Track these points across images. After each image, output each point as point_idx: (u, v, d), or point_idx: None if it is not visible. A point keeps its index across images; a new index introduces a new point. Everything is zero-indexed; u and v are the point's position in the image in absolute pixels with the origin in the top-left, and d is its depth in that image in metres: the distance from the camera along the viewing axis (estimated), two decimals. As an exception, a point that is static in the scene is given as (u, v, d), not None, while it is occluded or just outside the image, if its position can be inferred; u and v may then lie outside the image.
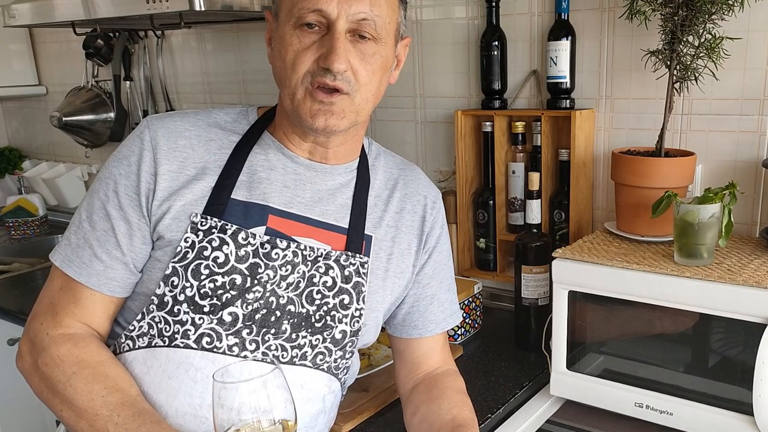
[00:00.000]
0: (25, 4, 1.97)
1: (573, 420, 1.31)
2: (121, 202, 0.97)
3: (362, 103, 0.97)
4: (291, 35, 0.93)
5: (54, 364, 0.95)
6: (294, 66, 0.93)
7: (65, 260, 0.99)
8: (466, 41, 1.71)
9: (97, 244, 0.98)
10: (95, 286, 0.98)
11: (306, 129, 0.98)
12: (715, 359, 1.19)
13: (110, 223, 0.97)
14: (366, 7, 0.92)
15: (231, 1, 1.74)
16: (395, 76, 1.05)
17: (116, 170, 0.99)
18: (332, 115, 0.94)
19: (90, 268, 0.97)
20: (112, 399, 0.92)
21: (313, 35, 0.93)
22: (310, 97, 0.94)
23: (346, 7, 0.91)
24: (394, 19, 0.98)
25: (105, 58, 2.45)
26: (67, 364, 0.94)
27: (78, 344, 0.97)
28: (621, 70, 1.50)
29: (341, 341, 1.04)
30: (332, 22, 0.91)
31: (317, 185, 1.04)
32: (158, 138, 0.99)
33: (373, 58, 0.95)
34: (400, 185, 1.12)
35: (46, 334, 0.97)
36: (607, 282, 1.22)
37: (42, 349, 0.96)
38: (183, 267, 0.96)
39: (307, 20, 0.92)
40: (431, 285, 1.14)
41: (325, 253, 1.02)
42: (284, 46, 0.94)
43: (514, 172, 1.64)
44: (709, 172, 1.43)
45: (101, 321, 1.00)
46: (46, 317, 0.99)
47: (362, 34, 0.93)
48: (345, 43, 0.92)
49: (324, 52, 0.92)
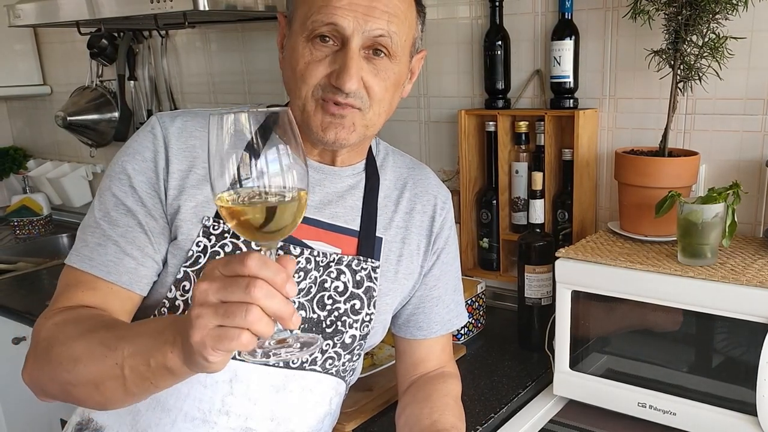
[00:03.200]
0: (30, 4, 1.97)
1: (576, 420, 1.31)
2: (141, 197, 0.93)
3: (374, 118, 0.95)
4: (303, 47, 0.91)
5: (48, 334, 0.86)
6: (304, 78, 0.91)
7: (86, 260, 0.92)
8: (469, 41, 1.71)
9: (124, 241, 0.92)
10: (127, 284, 0.92)
11: (315, 141, 0.96)
12: (719, 359, 1.19)
13: (135, 219, 0.93)
14: (383, 24, 0.90)
15: (235, 1, 1.74)
16: (408, 89, 1.03)
17: (129, 165, 0.94)
18: (343, 128, 0.93)
19: (119, 266, 0.91)
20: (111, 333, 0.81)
21: (326, 49, 0.90)
22: (321, 109, 0.92)
23: (362, 23, 0.88)
24: (410, 35, 0.96)
25: (109, 58, 2.46)
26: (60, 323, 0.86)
27: (74, 308, 0.90)
28: (624, 69, 1.50)
29: (350, 345, 1.03)
30: (347, 38, 0.89)
31: (326, 188, 1.02)
32: (170, 135, 0.95)
33: (387, 74, 0.93)
34: (410, 185, 1.11)
35: (44, 318, 0.89)
36: (610, 282, 1.22)
37: (38, 333, 0.88)
38: (195, 272, 0.94)
39: (320, 33, 0.89)
40: (438, 287, 1.13)
41: (337, 258, 1.00)
42: (295, 57, 0.92)
43: (517, 172, 1.64)
44: (713, 172, 1.43)
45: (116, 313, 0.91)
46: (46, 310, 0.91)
47: (377, 50, 0.91)
48: (358, 61, 0.90)
49: (336, 70, 0.89)
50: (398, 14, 0.92)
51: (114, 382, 0.78)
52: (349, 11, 0.88)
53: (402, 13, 0.93)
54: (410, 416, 1.05)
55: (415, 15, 0.98)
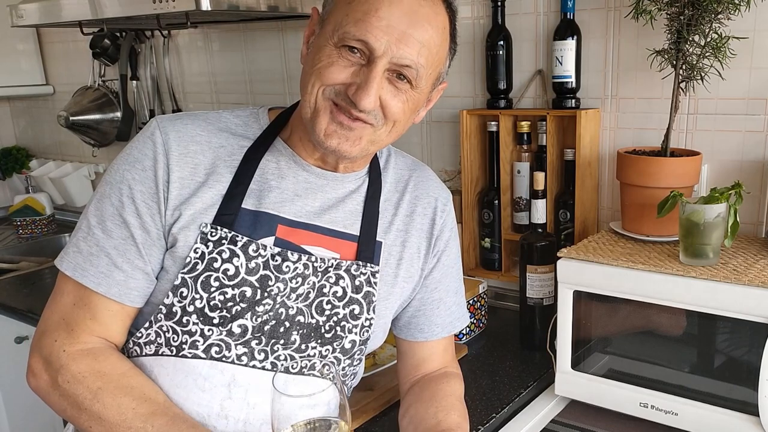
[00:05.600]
0: (33, 5, 1.98)
1: (578, 420, 1.31)
2: (138, 210, 0.93)
3: (383, 135, 0.94)
4: (330, 50, 0.89)
5: (76, 380, 0.91)
6: (322, 76, 0.90)
7: (78, 269, 0.93)
8: (471, 41, 1.71)
9: (116, 253, 0.93)
10: (116, 296, 0.93)
11: (316, 144, 0.95)
12: (721, 359, 1.19)
13: (129, 231, 0.93)
14: (414, 54, 0.88)
15: (237, 1, 1.74)
16: (421, 116, 1.02)
17: (129, 174, 0.94)
18: (347, 140, 0.91)
19: (109, 278, 0.93)
20: (142, 410, 0.89)
21: (353, 58, 0.89)
22: (330, 114, 0.91)
23: (394, 49, 0.87)
24: (437, 69, 0.95)
25: (112, 58, 2.46)
26: (90, 379, 0.91)
27: (98, 358, 0.93)
28: (627, 69, 1.50)
29: (350, 350, 1.03)
30: (375, 57, 0.87)
31: (327, 193, 1.01)
32: (170, 142, 0.95)
33: (406, 98, 0.92)
34: (411, 187, 1.10)
35: (63, 351, 0.92)
36: (612, 282, 1.22)
37: (60, 367, 0.92)
38: (192, 278, 0.94)
39: (349, 45, 0.88)
40: (438, 289, 1.13)
41: (336, 263, 1.00)
42: (319, 56, 0.90)
43: (519, 172, 1.64)
44: (715, 172, 1.43)
45: (118, 334, 0.97)
46: (60, 333, 0.94)
47: (401, 75, 0.90)
48: (380, 81, 0.88)
49: (357, 84, 0.88)
50: (431, 47, 0.91)
51: None
52: (385, 33, 0.87)
53: (435, 47, 0.92)
54: (415, 416, 1.05)
55: (447, 50, 0.96)
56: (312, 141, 0.96)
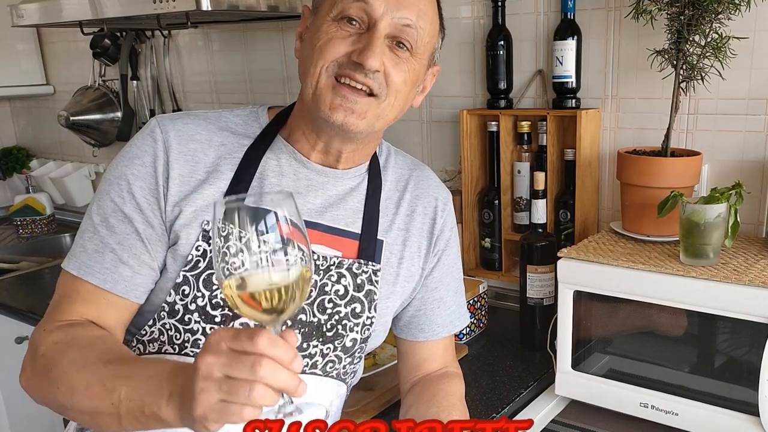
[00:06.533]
0: (33, 4, 1.98)
1: (578, 420, 1.31)
2: (139, 204, 0.93)
3: (387, 108, 0.94)
4: (329, 25, 0.90)
5: (50, 352, 0.87)
6: (323, 51, 0.90)
7: (83, 267, 0.92)
8: (471, 41, 1.71)
9: (121, 249, 0.92)
10: (122, 292, 0.92)
11: (321, 122, 0.94)
12: (721, 359, 1.19)
13: (132, 226, 0.93)
14: (413, 15, 0.90)
15: (237, 1, 1.74)
16: (419, 100, 1.03)
17: (128, 170, 0.94)
18: (352, 113, 0.91)
19: (115, 274, 0.92)
20: (110, 356, 0.84)
21: (352, 29, 0.90)
22: (333, 90, 0.90)
23: (393, 9, 0.89)
24: (432, 42, 0.96)
25: (112, 58, 2.46)
26: (61, 345, 0.87)
27: (74, 326, 0.90)
28: (627, 69, 1.50)
29: (351, 349, 1.03)
30: (375, 21, 0.89)
31: (328, 191, 1.02)
32: (170, 139, 0.95)
33: (408, 67, 0.93)
34: (411, 186, 1.10)
35: (43, 330, 0.90)
36: (612, 282, 1.21)
37: (39, 345, 0.88)
38: (194, 276, 0.93)
39: (349, 13, 0.89)
40: (439, 289, 1.13)
41: (338, 262, 1.00)
42: (318, 35, 0.91)
43: (519, 172, 1.64)
44: (716, 172, 1.43)
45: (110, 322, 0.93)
46: (46, 321, 0.92)
47: (401, 43, 0.91)
48: (383, 45, 0.90)
49: (359, 47, 0.89)
50: (427, 14, 0.93)
51: (109, 418, 0.80)
52: None
53: (430, 15, 0.94)
54: (416, 416, 1.05)
55: (438, 26, 0.98)
56: (316, 123, 0.95)
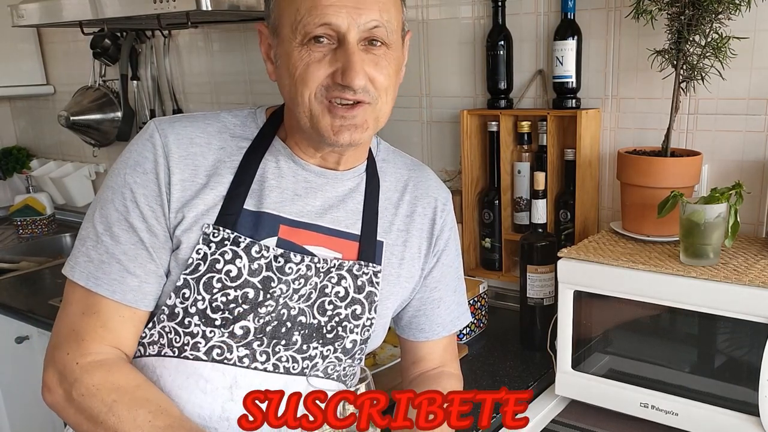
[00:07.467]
0: (34, 4, 1.98)
1: (578, 420, 1.31)
2: (143, 213, 0.93)
3: (382, 107, 0.94)
4: (299, 51, 0.89)
5: (90, 394, 0.90)
6: (305, 80, 0.89)
7: (91, 278, 0.92)
8: (472, 41, 1.71)
9: (127, 259, 0.92)
10: (131, 302, 0.93)
11: (328, 146, 0.95)
12: (721, 360, 1.19)
13: (137, 236, 0.93)
14: (376, 14, 0.88)
15: (238, 1, 1.74)
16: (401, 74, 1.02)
17: (131, 178, 0.94)
18: (356, 128, 0.91)
19: (123, 285, 0.92)
20: (159, 422, 0.88)
21: (323, 48, 0.88)
22: (330, 113, 0.90)
23: (356, 17, 0.87)
24: (399, 19, 0.95)
25: (112, 58, 2.46)
26: (105, 392, 0.90)
27: (111, 370, 0.92)
28: (627, 69, 1.50)
29: (351, 350, 1.03)
30: (343, 34, 0.87)
31: (328, 192, 1.01)
32: (170, 144, 0.94)
33: (387, 62, 0.92)
34: (410, 187, 1.10)
35: (76, 363, 0.92)
36: (612, 282, 1.21)
37: (75, 380, 0.91)
38: (195, 279, 0.93)
39: (314, 35, 0.87)
40: (438, 289, 1.13)
41: (338, 263, 1.00)
42: (292, 63, 0.90)
43: (519, 172, 1.64)
44: (716, 172, 1.43)
45: (129, 340, 0.96)
46: (71, 345, 0.93)
47: (373, 41, 0.90)
48: (360, 55, 0.88)
49: (340, 68, 0.88)
50: (387, 3, 0.91)
51: None
52: (340, 7, 0.87)
53: (390, 2, 0.92)
54: None
55: (400, 4, 0.96)
56: (319, 144, 0.96)
